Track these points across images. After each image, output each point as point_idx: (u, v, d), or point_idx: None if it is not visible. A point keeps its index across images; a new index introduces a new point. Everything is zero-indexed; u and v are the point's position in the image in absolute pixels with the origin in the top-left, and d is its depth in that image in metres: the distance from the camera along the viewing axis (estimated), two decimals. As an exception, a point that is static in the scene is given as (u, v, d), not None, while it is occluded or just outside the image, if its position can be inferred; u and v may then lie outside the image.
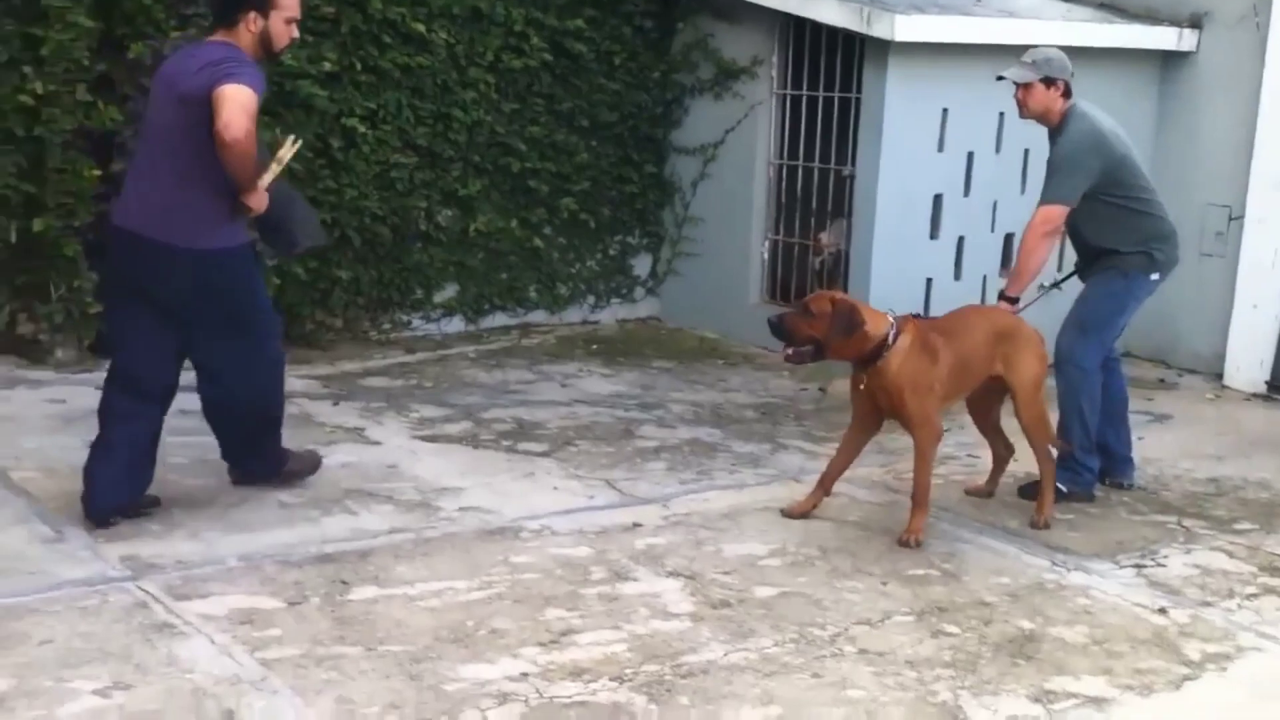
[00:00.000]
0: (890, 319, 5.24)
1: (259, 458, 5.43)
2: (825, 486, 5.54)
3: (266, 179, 4.84)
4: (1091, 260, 5.96)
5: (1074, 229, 5.95)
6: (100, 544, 4.77)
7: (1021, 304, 5.83)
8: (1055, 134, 5.85)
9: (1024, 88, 5.85)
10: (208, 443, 5.92)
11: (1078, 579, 5.00)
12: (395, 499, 5.46)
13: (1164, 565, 5.20)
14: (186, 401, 6.57)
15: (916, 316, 5.61)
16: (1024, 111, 5.93)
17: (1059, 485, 5.79)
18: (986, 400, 5.74)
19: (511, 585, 4.61)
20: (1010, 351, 5.49)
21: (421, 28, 7.91)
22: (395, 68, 7.89)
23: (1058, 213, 5.71)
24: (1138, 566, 5.17)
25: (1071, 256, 7.38)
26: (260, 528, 5.02)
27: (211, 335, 5.05)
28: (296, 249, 5.41)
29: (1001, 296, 5.88)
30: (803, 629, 4.40)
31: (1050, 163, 5.82)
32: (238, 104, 4.60)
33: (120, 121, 6.98)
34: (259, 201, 4.83)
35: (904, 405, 5.22)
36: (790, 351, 5.17)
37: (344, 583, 4.54)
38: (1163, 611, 4.73)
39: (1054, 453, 5.67)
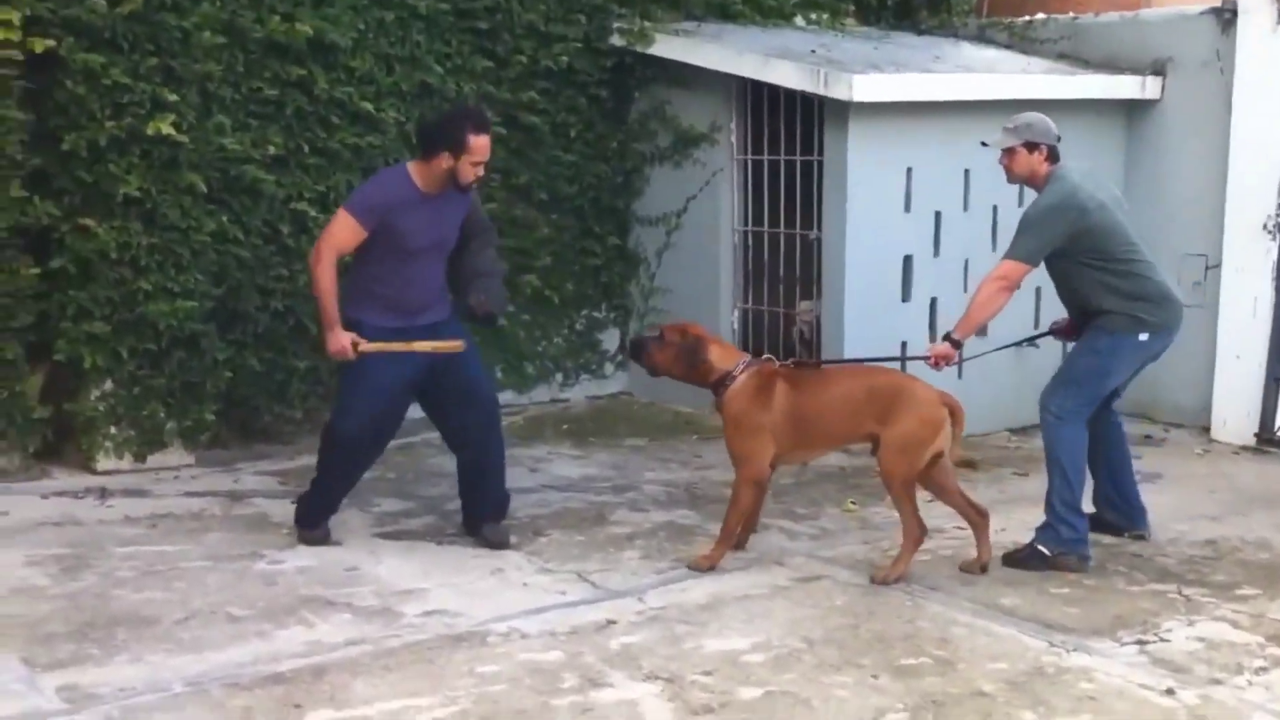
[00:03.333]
0: (742, 359, 5.63)
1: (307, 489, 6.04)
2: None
3: (376, 346, 5.62)
4: (1085, 320, 5.93)
5: (1063, 288, 5.96)
6: (37, 674, 4.44)
7: (966, 350, 5.95)
8: None
9: (1007, 153, 5.91)
10: (154, 553, 5.69)
11: (1078, 660, 4.73)
12: (354, 605, 5.15)
13: (1167, 640, 4.94)
14: (132, 508, 6.37)
15: (789, 365, 5.83)
16: (1010, 176, 6.00)
17: (1041, 548, 5.71)
18: (929, 472, 5.55)
19: (477, 699, 4.31)
20: (886, 409, 5.46)
21: (370, 107, 7.72)
22: (345, 149, 7.66)
23: (1017, 271, 5.74)
24: (1140, 643, 4.91)
25: (1045, 314, 7.30)
26: (208, 646, 4.70)
27: None
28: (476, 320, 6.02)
29: (946, 337, 5.90)
30: (791, 734, 4.12)
31: (1020, 221, 5.84)
32: (326, 229, 5.73)
33: (58, 217, 6.72)
34: (329, 341, 5.64)
35: (728, 439, 5.62)
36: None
37: (297, 706, 4.22)
38: (1170, 693, 4.46)
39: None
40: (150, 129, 6.70)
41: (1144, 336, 5.78)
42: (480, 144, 5.63)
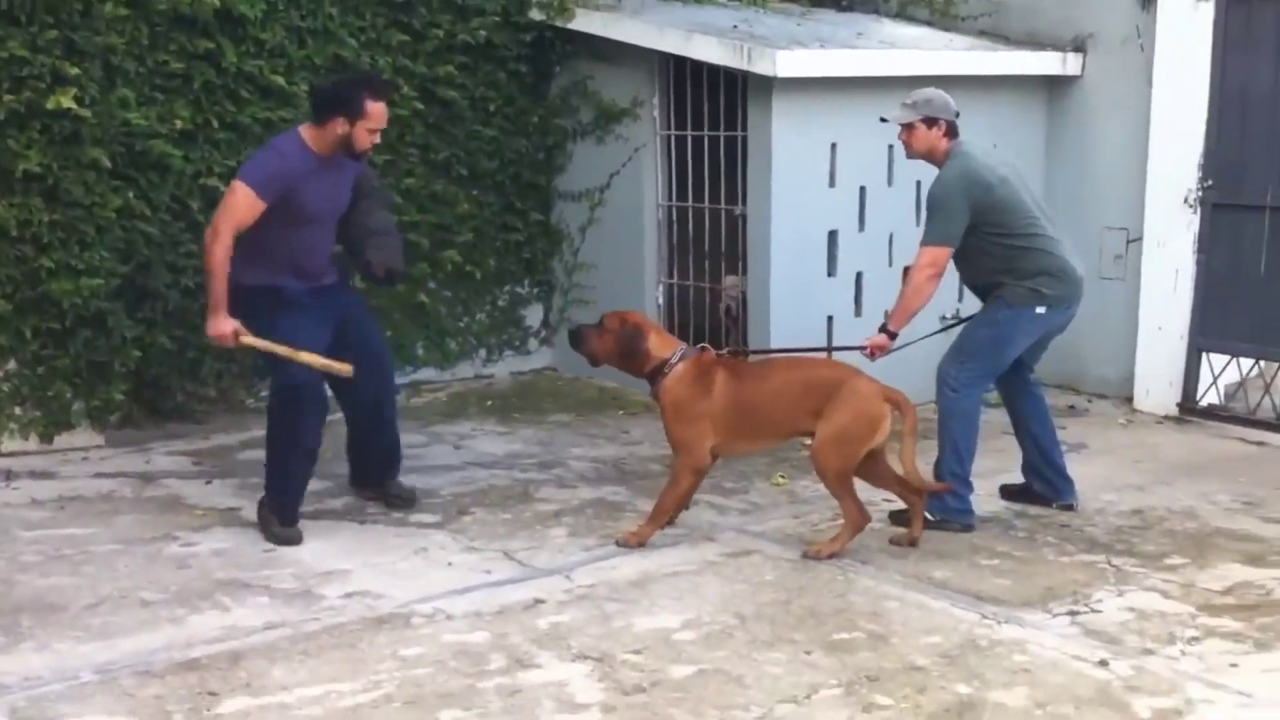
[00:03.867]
0: (679, 347, 5.55)
1: (267, 473, 5.67)
2: None
3: (259, 342, 5.40)
4: (984, 294, 5.98)
5: (963, 263, 5.96)
6: (-63, 664, 4.25)
7: (901, 340, 5.89)
8: None
9: (906, 129, 5.91)
10: (61, 536, 5.48)
11: (1011, 632, 4.69)
12: (272, 588, 4.99)
13: (1099, 611, 4.91)
14: (38, 490, 6.13)
15: (724, 354, 5.72)
16: (909, 152, 6.00)
17: (926, 513, 5.69)
18: (867, 465, 5.47)
19: (401, 683, 4.17)
20: (823, 404, 5.35)
21: (282, 80, 7.49)
22: (256, 123, 7.42)
23: (941, 255, 5.76)
24: (1072, 614, 4.88)
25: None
26: (119, 633, 4.52)
27: None
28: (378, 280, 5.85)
29: (882, 329, 5.89)
30: (724, 713, 4.01)
31: (928, 203, 5.86)
32: (223, 203, 5.44)
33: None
34: (212, 324, 5.36)
35: (667, 427, 5.52)
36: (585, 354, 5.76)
37: (211, 694, 4.06)
38: (1104, 664, 4.43)
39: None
40: (51, 103, 6.43)
41: (1041, 310, 5.80)
42: (377, 110, 5.50)
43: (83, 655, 4.32)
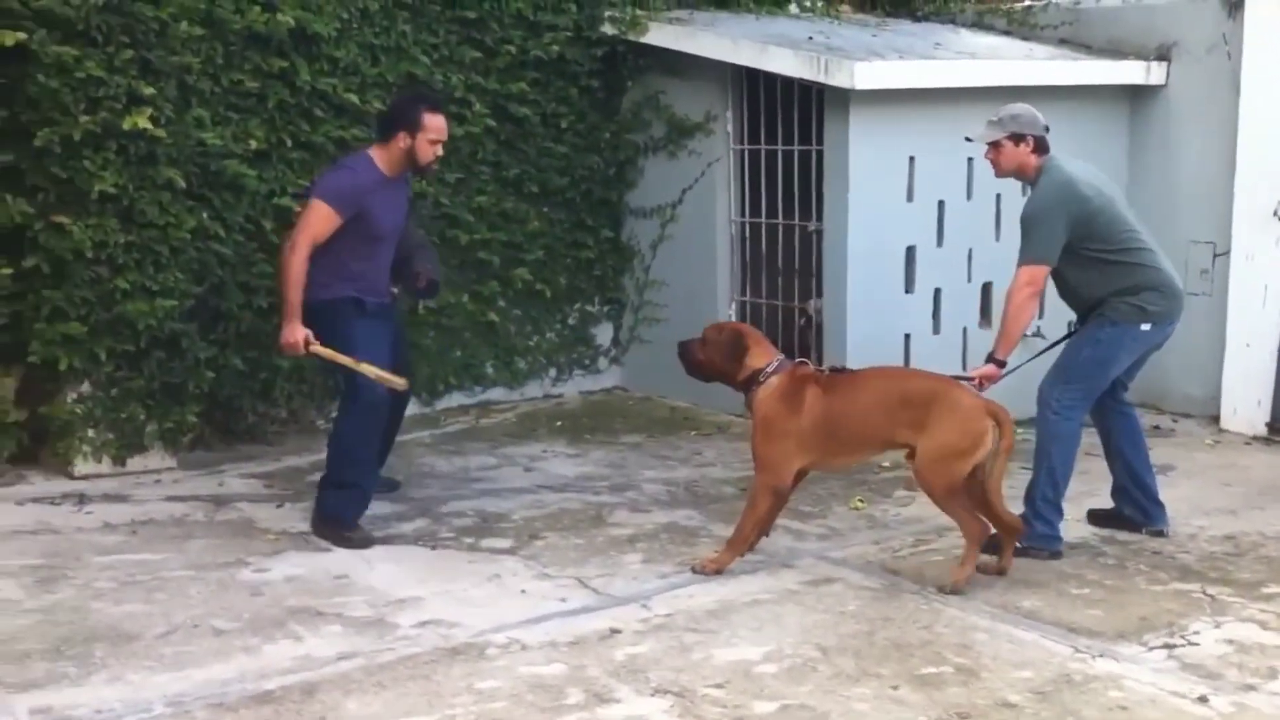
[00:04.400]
0: (775, 359, 5.36)
1: (321, 491, 5.84)
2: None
3: (326, 352, 5.64)
4: (1086, 312, 5.78)
5: (1062, 283, 5.79)
6: (9, 695, 4.19)
7: (1010, 366, 5.71)
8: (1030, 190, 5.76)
9: (993, 147, 5.75)
10: (134, 562, 5.45)
11: (1106, 667, 4.51)
12: (345, 616, 4.91)
13: (1196, 644, 4.72)
14: (111, 514, 6.12)
15: (826, 370, 5.58)
16: (998, 171, 5.84)
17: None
18: (966, 483, 5.27)
19: (478, 718, 4.07)
20: (922, 416, 5.16)
21: (355, 98, 7.47)
22: (329, 142, 7.42)
23: (1040, 273, 5.62)
24: (1168, 647, 4.69)
25: (1050, 308, 7.06)
26: (191, 663, 4.45)
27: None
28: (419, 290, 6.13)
29: (989, 359, 5.70)
30: (811, 752, 3.89)
31: (1022, 222, 5.68)
32: (302, 221, 5.69)
33: (31, 215, 6.46)
34: (286, 332, 5.60)
35: (754, 441, 5.37)
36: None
37: (286, 728, 4.00)
38: (1204, 700, 4.25)
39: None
40: (126, 124, 6.43)
41: (1146, 326, 5.63)
42: (435, 122, 5.77)
43: (156, 686, 4.27)
